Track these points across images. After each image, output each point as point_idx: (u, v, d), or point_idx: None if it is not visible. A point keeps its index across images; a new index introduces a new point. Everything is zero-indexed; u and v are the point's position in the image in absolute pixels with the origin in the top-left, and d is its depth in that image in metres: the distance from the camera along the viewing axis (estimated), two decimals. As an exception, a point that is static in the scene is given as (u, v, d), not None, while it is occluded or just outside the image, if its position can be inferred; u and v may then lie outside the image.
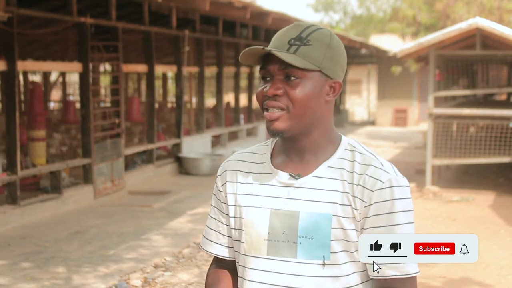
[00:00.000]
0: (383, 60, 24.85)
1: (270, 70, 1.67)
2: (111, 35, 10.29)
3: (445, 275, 6.30)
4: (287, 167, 1.74)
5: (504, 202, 9.75)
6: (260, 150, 1.82)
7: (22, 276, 5.98)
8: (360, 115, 30.68)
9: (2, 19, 7.49)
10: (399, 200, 1.66)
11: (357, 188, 1.67)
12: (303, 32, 1.67)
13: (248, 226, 1.73)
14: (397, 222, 1.66)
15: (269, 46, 1.68)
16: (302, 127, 1.68)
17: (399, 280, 1.67)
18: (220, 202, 1.84)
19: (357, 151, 1.73)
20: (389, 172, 1.69)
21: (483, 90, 13.23)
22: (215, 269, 1.89)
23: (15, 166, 8.08)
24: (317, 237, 1.66)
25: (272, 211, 1.70)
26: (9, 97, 8.17)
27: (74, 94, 23.68)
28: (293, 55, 1.64)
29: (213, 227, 1.87)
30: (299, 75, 1.65)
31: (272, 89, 1.66)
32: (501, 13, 18.42)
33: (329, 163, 1.71)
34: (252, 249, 1.73)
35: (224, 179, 1.83)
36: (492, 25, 10.22)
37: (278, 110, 1.66)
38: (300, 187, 1.70)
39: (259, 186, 1.75)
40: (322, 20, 43.49)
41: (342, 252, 1.67)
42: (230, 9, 11.62)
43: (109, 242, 7.22)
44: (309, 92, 1.66)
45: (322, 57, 1.67)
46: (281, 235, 1.68)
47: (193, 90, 15.90)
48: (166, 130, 15.08)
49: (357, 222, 1.67)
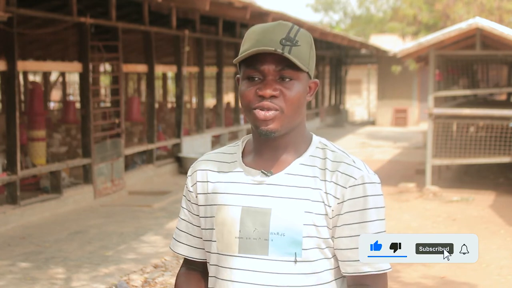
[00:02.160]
0: (383, 60, 24.85)
1: (264, 70, 1.65)
2: (111, 35, 10.29)
3: (445, 275, 6.30)
4: (259, 165, 1.73)
5: (504, 202, 9.75)
6: (230, 150, 1.82)
7: (22, 276, 5.98)
8: (360, 115, 30.69)
9: (2, 19, 7.49)
10: (371, 197, 1.67)
11: (329, 184, 1.67)
12: (291, 32, 1.66)
13: (219, 224, 1.72)
14: (369, 219, 1.66)
15: (256, 44, 1.64)
16: (290, 127, 1.69)
17: (372, 277, 1.68)
18: (191, 203, 1.83)
19: (328, 149, 1.73)
20: (361, 169, 1.69)
21: (483, 90, 13.23)
22: (185, 271, 1.89)
23: (15, 166, 8.08)
24: (289, 234, 1.65)
25: (243, 208, 1.69)
26: (9, 97, 8.17)
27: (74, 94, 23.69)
28: (291, 56, 1.63)
29: (183, 229, 1.87)
30: (293, 77, 1.66)
31: (269, 90, 1.64)
32: (501, 13, 18.42)
33: (301, 161, 1.71)
34: (224, 248, 1.72)
35: (194, 179, 1.82)
36: (492, 25, 10.22)
37: (273, 111, 1.65)
38: (271, 184, 1.69)
39: (230, 184, 1.74)
40: (322, 20, 43.51)
41: (314, 249, 1.67)
42: (230, 9, 11.62)
43: (109, 242, 7.22)
44: (301, 94, 1.67)
45: (308, 58, 1.68)
46: (252, 233, 1.67)
47: (193, 90, 15.91)
48: (166, 130, 15.09)
49: (329, 219, 1.67)
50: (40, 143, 9.97)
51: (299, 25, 14.85)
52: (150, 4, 11.00)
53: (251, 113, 1.67)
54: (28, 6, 8.89)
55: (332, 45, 23.48)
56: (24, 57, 14.35)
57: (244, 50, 1.67)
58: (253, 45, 1.65)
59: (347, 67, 27.21)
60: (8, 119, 8.13)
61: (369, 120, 27.86)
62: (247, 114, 1.69)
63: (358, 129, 23.64)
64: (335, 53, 25.10)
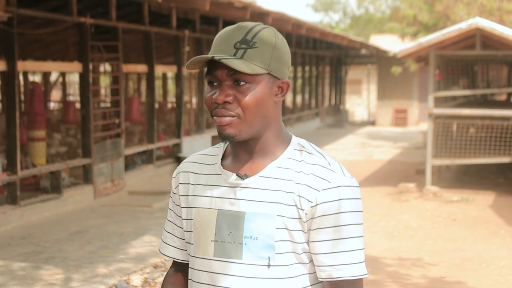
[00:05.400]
0: (383, 60, 24.86)
1: (218, 75, 1.62)
2: (111, 35, 10.29)
3: (445, 275, 6.31)
4: (235, 168, 1.71)
5: (504, 202, 9.75)
6: (213, 152, 1.81)
7: (22, 276, 5.98)
8: (360, 115, 30.69)
9: (2, 19, 7.49)
10: (346, 200, 1.62)
11: (303, 187, 1.63)
12: (248, 34, 1.62)
13: (196, 227, 1.72)
14: (344, 223, 1.62)
15: (214, 50, 1.63)
16: (253, 131, 1.65)
17: (346, 282, 1.65)
18: (175, 204, 1.84)
19: (306, 151, 1.70)
20: (336, 171, 1.65)
21: (483, 90, 13.24)
22: (172, 272, 1.90)
23: (15, 166, 8.08)
24: (261, 237, 1.63)
25: (219, 211, 1.68)
26: (9, 97, 8.17)
27: (74, 94, 23.69)
28: (241, 60, 1.59)
29: (169, 230, 1.87)
30: (248, 80, 1.61)
31: (221, 96, 1.61)
32: (501, 14, 18.42)
33: (277, 163, 1.68)
34: (200, 250, 1.71)
35: (177, 181, 1.83)
36: (492, 25, 10.23)
37: (228, 117, 1.63)
38: (246, 187, 1.67)
39: (209, 187, 1.73)
40: (322, 20, 43.53)
41: (288, 253, 1.64)
42: (230, 9, 11.63)
43: (109, 242, 7.22)
44: (259, 96, 1.62)
45: (269, 58, 1.63)
46: (227, 236, 1.66)
47: (193, 90, 15.91)
48: (166, 130, 15.08)
49: (303, 223, 1.63)
50: (40, 143, 9.97)
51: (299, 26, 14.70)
52: (150, 4, 11.01)
53: (212, 118, 1.66)
54: (28, 6, 8.89)
55: (332, 45, 23.50)
56: (24, 57, 14.35)
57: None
58: (211, 51, 1.65)
59: (347, 67, 27.21)
60: (8, 119, 8.13)
61: (369, 120, 27.86)
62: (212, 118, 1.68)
63: (358, 129, 23.64)
64: (335, 53, 25.11)
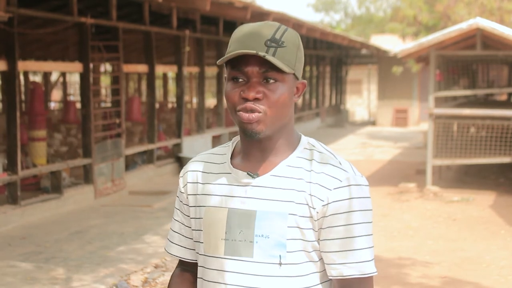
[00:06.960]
0: (384, 60, 24.86)
1: (248, 72, 1.63)
2: (111, 35, 10.29)
3: (446, 275, 6.31)
4: (246, 167, 1.72)
5: (505, 202, 9.75)
6: (221, 151, 1.81)
7: (22, 276, 5.98)
8: (361, 115, 30.68)
9: (2, 19, 7.49)
10: (357, 199, 1.65)
11: (314, 186, 1.65)
12: (277, 33, 1.64)
13: (206, 226, 1.73)
14: (354, 221, 1.64)
15: (241, 46, 1.63)
16: (275, 129, 1.67)
17: (357, 280, 1.66)
18: (182, 204, 1.85)
19: (316, 150, 1.71)
20: (347, 170, 1.67)
21: (484, 90, 13.24)
22: (179, 272, 1.90)
23: (15, 166, 8.08)
24: (273, 236, 1.64)
25: (230, 210, 1.69)
26: (9, 97, 8.18)
27: (74, 94, 23.71)
28: (275, 58, 1.61)
29: (176, 230, 1.88)
30: (278, 78, 1.63)
31: (253, 93, 1.62)
32: (501, 14, 18.41)
33: (287, 162, 1.70)
34: (210, 249, 1.72)
35: (185, 180, 1.83)
36: (493, 25, 10.22)
37: (256, 113, 1.64)
38: (257, 186, 1.68)
39: (218, 186, 1.74)
40: (323, 20, 43.51)
41: (299, 251, 1.66)
42: (231, 9, 11.63)
43: (109, 242, 7.22)
44: (285, 95, 1.65)
45: (295, 59, 1.66)
46: (238, 235, 1.67)
47: (193, 90, 15.91)
48: (167, 130, 15.09)
49: (314, 222, 1.65)
50: (41, 143, 9.97)
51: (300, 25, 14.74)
52: (151, 4, 11.01)
53: (236, 114, 1.66)
54: (29, 6, 8.89)
55: (333, 45, 23.49)
56: (24, 57, 14.34)
57: (229, 51, 1.66)
58: (237, 47, 1.64)
59: (347, 67, 27.21)
60: (8, 119, 8.14)
61: (369, 120, 27.86)
62: (233, 115, 1.68)
63: (358, 129, 23.64)
64: (336, 53, 25.10)
